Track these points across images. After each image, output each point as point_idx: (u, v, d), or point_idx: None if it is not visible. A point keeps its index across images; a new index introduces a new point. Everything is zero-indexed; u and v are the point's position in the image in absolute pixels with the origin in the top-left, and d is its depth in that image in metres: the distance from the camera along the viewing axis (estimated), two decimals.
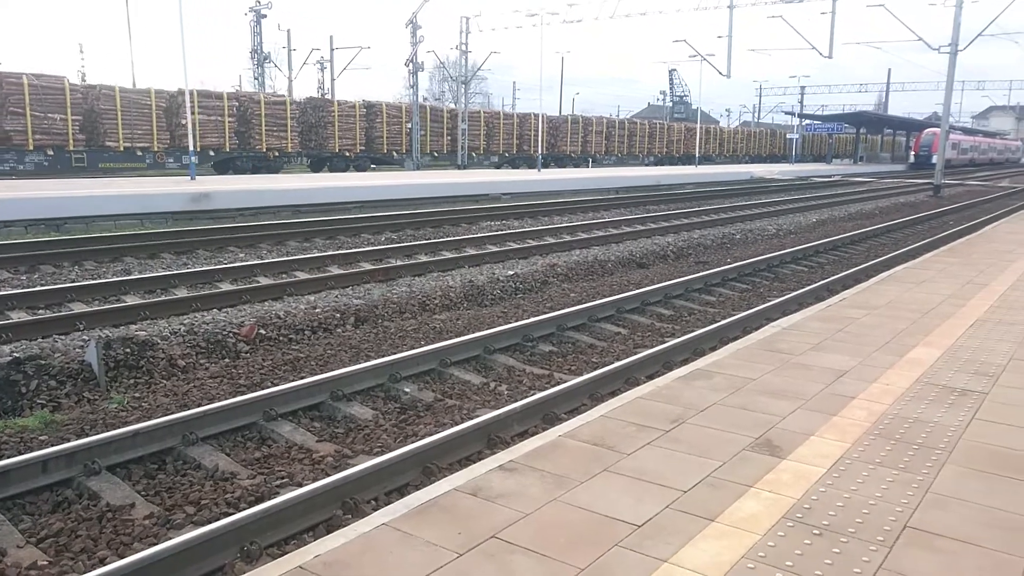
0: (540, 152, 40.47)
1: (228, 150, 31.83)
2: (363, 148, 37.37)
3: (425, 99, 55.05)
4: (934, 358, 5.54)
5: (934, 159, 37.41)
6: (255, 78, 53.49)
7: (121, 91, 28.60)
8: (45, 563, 3.66)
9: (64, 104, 26.58)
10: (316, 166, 37.28)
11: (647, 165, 54.87)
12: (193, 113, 26.79)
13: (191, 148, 24.87)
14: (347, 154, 36.73)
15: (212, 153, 31.39)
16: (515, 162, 46.33)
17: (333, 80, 53.98)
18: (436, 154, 42.05)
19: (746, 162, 64.47)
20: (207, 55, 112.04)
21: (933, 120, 69.58)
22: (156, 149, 29.45)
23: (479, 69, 49.05)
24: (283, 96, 36.43)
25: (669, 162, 57.06)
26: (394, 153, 39.14)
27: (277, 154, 33.55)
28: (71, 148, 27.10)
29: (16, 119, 25.57)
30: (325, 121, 35.50)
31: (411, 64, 40.64)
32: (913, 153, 63.97)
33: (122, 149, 28.57)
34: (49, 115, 26.18)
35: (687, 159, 57.77)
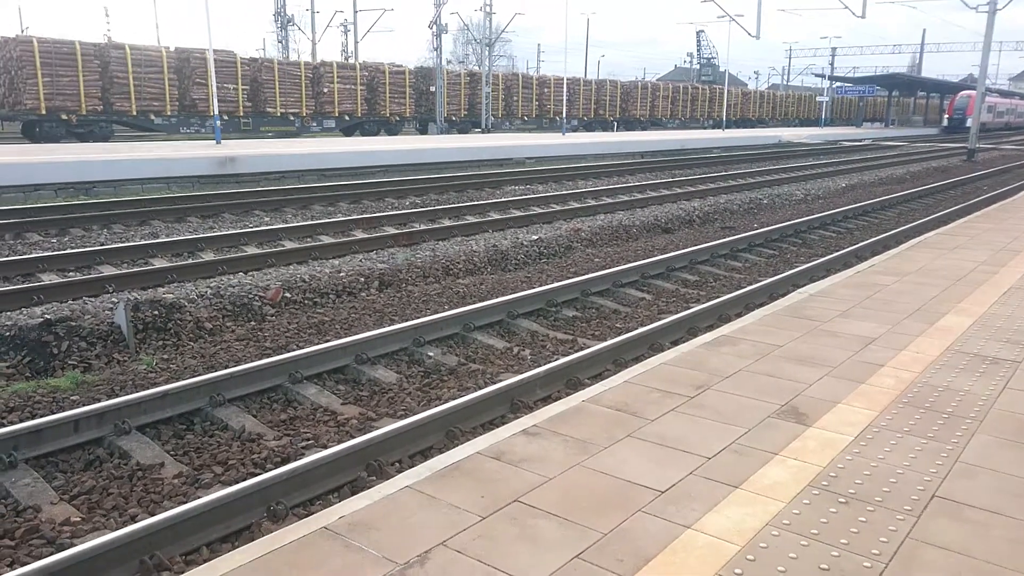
0: (564, 115, 40.18)
1: (360, 115, 36.00)
2: (466, 113, 41.28)
3: (449, 61, 54.65)
4: (965, 326, 5.44)
5: (968, 122, 36.52)
6: (279, 41, 53.24)
7: (279, 63, 33.28)
8: (78, 519, 3.75)
9: (236, 75, 31.20)
10: (423, 128, 40.70)
11: (706, 128, 57.43)
12: (332, 83, 33.62)
13: (215, 112, 25.02)
14: (453, 119, 40.32)
15: (347, 118, 35.38)
16: (591, 126, 48.89)
17: (357, 43, 53.59)
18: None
19: (774, 126, 63.73)
20: (230, 16, 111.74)
21: (968, 82, 67.74)
22: (304, 114, 33.72)
23: (503, 31, 48.44)
24: (403, 67, 39.07)
25: (730, 125, 59.18)
26: (494, 115, 42.22)
27: (398, 118, 37.85)
28: (240, 114, 31.67)
29: (200, 89, 29.79)
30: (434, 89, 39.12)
31: (435, 26, 40.18)
32: (947, 116, 62.38)
33: (278, 114, 33.00)
34: (224, 85, 30.23)
35: (744, 123, 61.15)
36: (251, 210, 13.39)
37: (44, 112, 26.02)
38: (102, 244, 10.05)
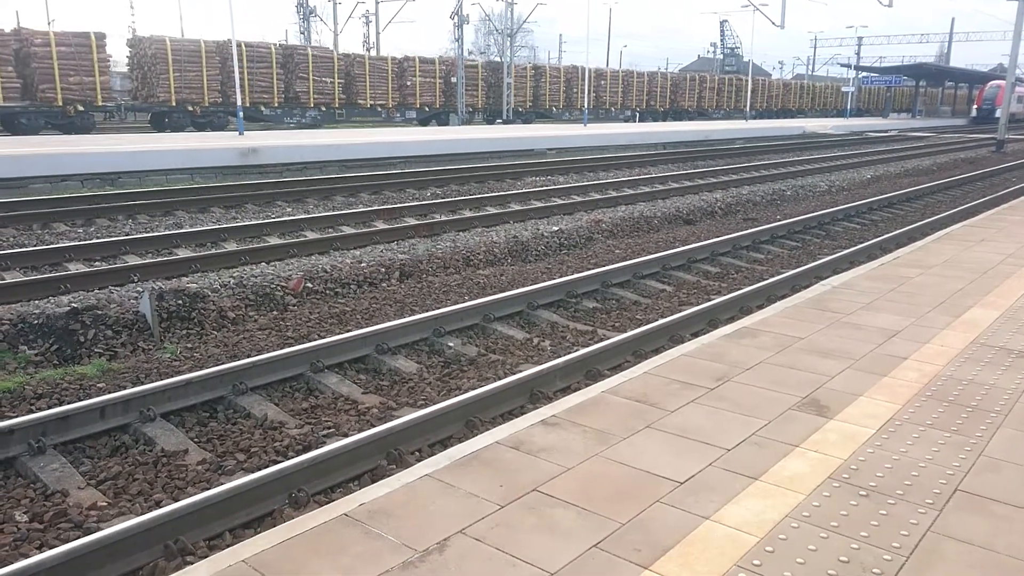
0: (587, 106, 40.15)
1: (438, 107, 38.61)
2: (531, 105, 43.09)
3: (470, 52, 54.77)
4: (992, 319, 5.37)
5: (998, 113, 35.91)
6: (301, 32, 53.45)
7: (369, 58, 36.24)
8: (104, 504, 3.81)
9: (332, 70, 33.82)
10: (491, 119, 42.36)
11: (750, 119, 58.17)
12: (415, 75, 36.97)
13: (239, 103, 25.23)
14: (519, 109, 42.28)
15: (427, 109, 38.00)
16: (644, 116, 50.32)
17: (378, 34, 53.67)
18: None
19: (798, 116, 63.36)
20: (253, 7, 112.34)
21: (998, 72, 66.47)
22: (389, 106, 36.49)
23: (525, 21, 48.38)
24: (475, 60, 42.33)
25: (767, 115, 60.96)
26: (554, 109, 44.15)
27: (471, 109, 40.05)
28: (336, 105, 34.27)
29: (303, 82, 32.78)
30: (503, 82, 41.07)
31: (456, 17, 40.12)
32: (975, 107, 61.29)
33: (368, 106, 35.67)
34: (323, 79, 33.37)
35: (785, 113, 62.67)
36: (273, 201, 13.49)
37: (174, 104, 28.88)
38: (127, 234, 10.17)
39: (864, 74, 67.69)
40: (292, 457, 4.05)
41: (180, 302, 6.70)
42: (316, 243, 9.58)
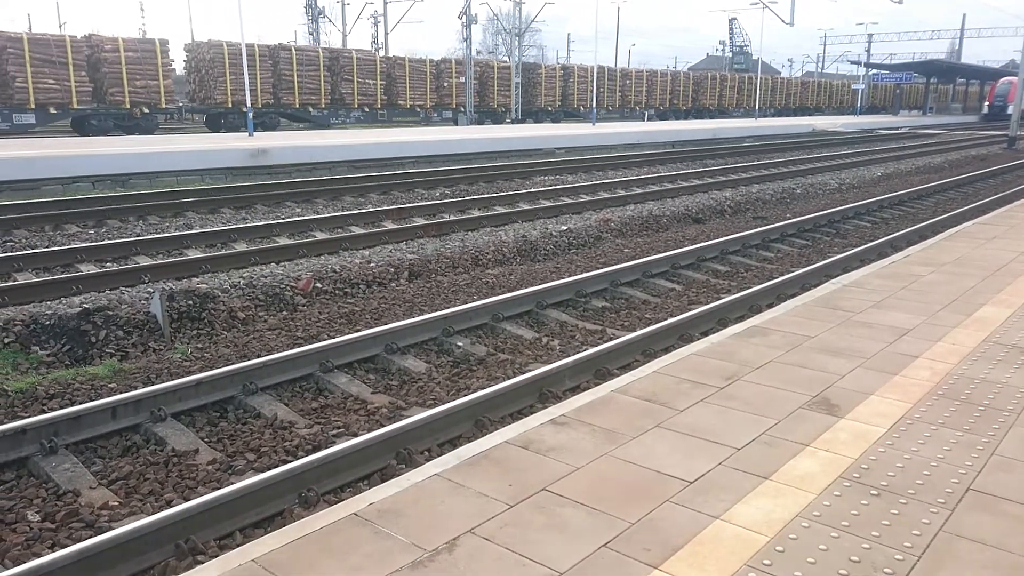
0: (594, 105, 40.14)
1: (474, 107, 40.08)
2: (560, 103, 44.74)
3: (479, 52, 54.95)
4: (1004, 317, 5.33)
5: (1009, 110, 35.61)
6: (309, 33, 53.61)
7: (409, 61, 37.50)
8: (116, 503, 3.83)
9: (375, 72, 35.61)
10: (523, 118, 43.50)
11: (768, 117, 59.90)
12: (452, 77, 38.32)
13: (248, 104, 25.36)
14: (549, 108, 43.97)
15: (462, 109, 39.28)
16: (666, 115, 52.19)
17: (387, 34, 53.77)
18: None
19: (816, 114, 63.43)
20: (262, 8, 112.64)
21: (1010, 68, 66.01)
22: (428, 106, 38.11)
23: (533, 20, 48.36)
24: (508, 62, 43.45)
25: (785, 113, 62.44)
26: (581, 107, 45.69)
27: (503, 109, 41.69)
28: (378, 106, 36.06)
29: (347, 84, 34.46)
30: (534, 82, 43.28)
31: (465, 17, 40.14)
32: (987, 104, 60.81)
33: (408, 106, 37.35)
34: (366, 80, 35.19)
35: (804, 111, 64.20)
36: (283, 201, 13.53)
37: (230, 105, 30.35)
38: (138, 235, 10.22)
39: (874, 71, 67.33)
40: (302, 457, 4.06)
41: (190, 302, 6.73)
42: (325, 243, 9.61)
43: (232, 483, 3.78)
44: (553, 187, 15.44)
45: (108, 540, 3.12)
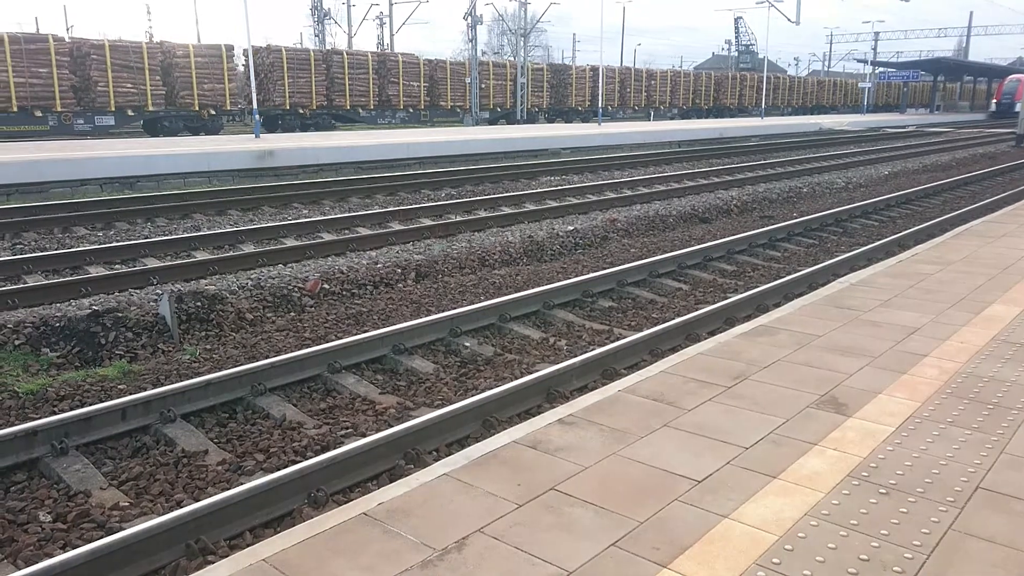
0: (600, 105, 40.15)
1: (508, 107, 41.77)
2: (590, 103, 45.80)
3: (484, 53, 55.17)
4: (1012, 315, 5.31)
5: (1017, 107, 35.45)
6: (315, 35, 53.75)
7: (450, 64, 39.25)
8: (126, 504, 3.85)
9: (419, 74, 37.23)
10: (551, 118, 45.06)
11: (787, 115, 61.40)
12: (489, 79, 39.76)
13: (255, 107, 25.43)
14: (579, 108, 45.35)
15: (499, 109, 41.20)
16: (688, 114, 53.49)
17: (392, 35, 53.82)
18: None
19: (824, 113, 63.51)
20: (267, 10, 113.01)
21: (1017, 66, 65.80)
22: (467, 107, 39.34)
23: (539, 21, 48.50)
24: (541, 64, 46.06)
25: (801, 112, 63.81)
26: (609, 107, 46.60)
27: (536, 108, 43.40)
28: (422, 107, 37.68)
29: (394, 86, 36.17)
30: (565, 82, 44.65)
31: (470, 17, 40.16)
32: (994, 101, 60.52)
33: (449, 107, 38.93)
34: (411, 83, 36.96)
35: (820, 109, 65.78)
36: (290, 203, 13.57)
37: (288, 107, 32.19)
38: (146, 237, 10.27)
39: (881, 69, 67.09)
40: (311, 457, 4.07)
41: (199, 304, 6.76)
42: (332, 244, 9.63)
43: (242, 483, 3.80)
44: (559, 187, 15.45)
45: (119, 540, 3.14)
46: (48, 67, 25.40)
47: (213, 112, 29.62)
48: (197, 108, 28.92)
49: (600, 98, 40.53)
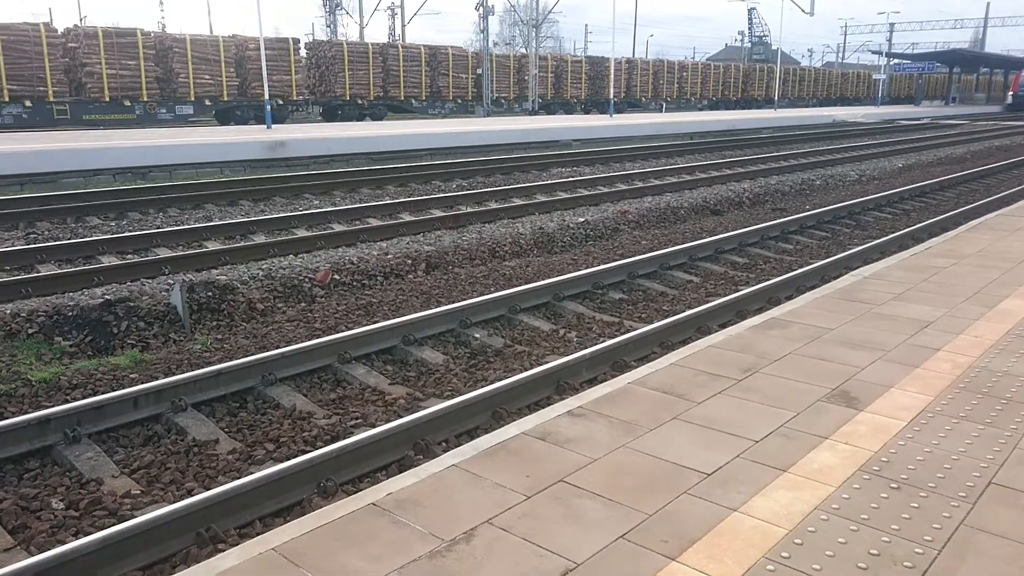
0: (611, 97, 40.00)
1: (550, 98, 43.41)
2: (624, 94, 47.33)
3: (495, 44, 55.06)
4: None
5: None
6: (327, 26, 53.75)
7: (496, 56, 40.68)
8: (138, 492, 3.88)
9: (467, 67, 38.75)
10: (588, 109, 46.32)
11: (812, 106, 61.81)
12: (530, 71, 41.31)
13: (267, 98, 25.54)
14: (615, 100, 44.27)
15: (540, 100, 42.48)
16: (716, 105, 54.29)
17: (404, 26, 53.77)
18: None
19: (838, 104, 63.11)
20: (280, 1, 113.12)
21: None
22: (511, 98, 41.43)
23: (550, 12, 48.30)
24: (580, 56, 47.85)
25: (827, 103, 64.19)
26: (643, 99, 48.94)
27: (576, 100, 45.05)
28: (469, 98, 39.26)
29: (444, 78, 37.54)
30: (602, 75, 45.01)
31: (481, 8, 40.01)
32: (1011, 93, 59.85)
33: (494, 98, 39.92)
34: (459, 75, 38.61)
35: (843, 101, 66.29)
36: (301, 193, 13.60)
37: (348, 98, 34.05)
38: (158, 227, 10.32)
39: (896, 61, 66.46)
40: (320, 447, 4.09)
41: (210, 294, 6.78)
42: (343, 235, 9.65)
43: (252, 473, 3.82)
44: (570, 179, 15.40)
45: (130, 528, 3.16)
46: (136, 59, 27.36)
47: (280, 102, 31.11)
48: (267, 98, 29.63)
49: (611, 89, 40.32)
